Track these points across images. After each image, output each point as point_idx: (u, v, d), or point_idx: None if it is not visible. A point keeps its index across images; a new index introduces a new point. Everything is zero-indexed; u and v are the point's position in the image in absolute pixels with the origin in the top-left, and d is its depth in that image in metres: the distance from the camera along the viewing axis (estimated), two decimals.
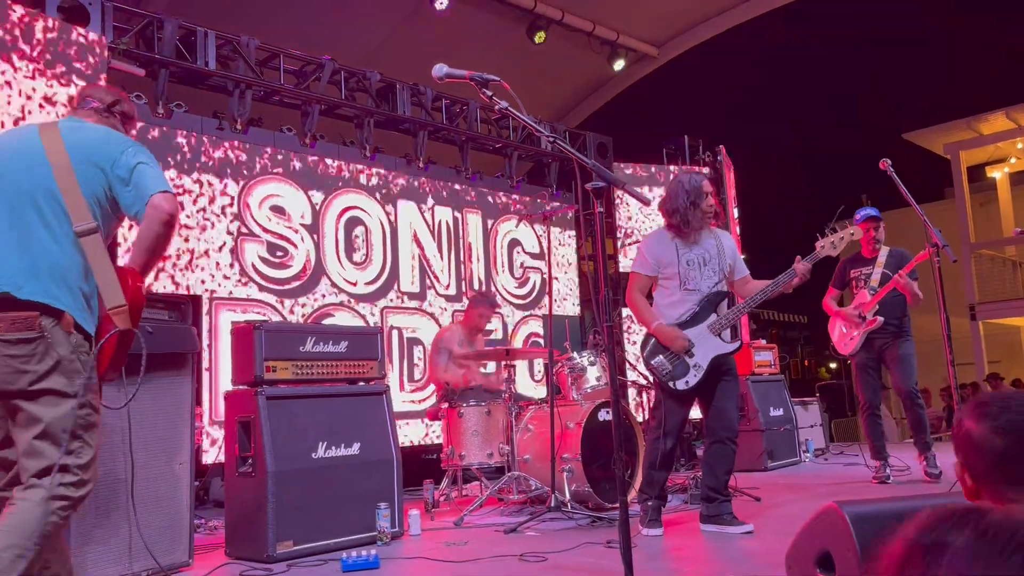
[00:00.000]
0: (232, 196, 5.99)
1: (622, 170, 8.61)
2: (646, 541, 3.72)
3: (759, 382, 6.89)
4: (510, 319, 7.78)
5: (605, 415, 4.74)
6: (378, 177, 6.95)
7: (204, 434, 5.42)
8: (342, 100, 6.79)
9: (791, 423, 6.95)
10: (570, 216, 8.41)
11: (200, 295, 5.67)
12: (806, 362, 28.48)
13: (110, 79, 5.20)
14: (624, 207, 8.53)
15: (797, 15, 12.48)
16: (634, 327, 8.16)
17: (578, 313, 8.42)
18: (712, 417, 3.92)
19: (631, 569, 2.28)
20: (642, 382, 6.36)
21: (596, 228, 2.50)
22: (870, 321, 5.26)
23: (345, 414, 3.97)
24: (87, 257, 2.24)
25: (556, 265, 8.23)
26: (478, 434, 4.99)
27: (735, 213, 9.21)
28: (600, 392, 4.94)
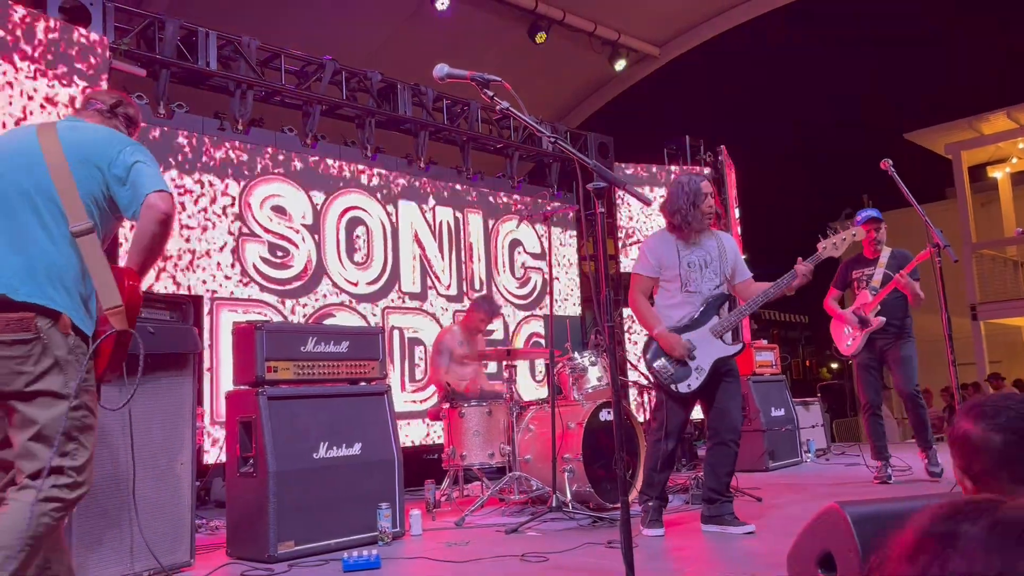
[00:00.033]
0: (233, 196, 5.99)
1: (623, 170, 8.61)
2: (647, 541, 3.72)
3: (760, 382, 6.89)
4: (511, 319, 7.78)
5: (606, 415, 4.74)
6: (379, 177, 6.95)
7: (205, 434, 5.43)
8: (343, 100, 6.79)
9: (792, 423, 6.94)
10: (571, 216, 8.41)
11: (201, 295, 5.68)
12: (807, 362, 28.48)
13: (111, 80, 5.21)
14: (625, 207, 8.53)
15: (798, 15, 12.49)
16: (635, 327, 8.16)
17: (579, 313, 8.43)
18: (714, 418, 3.91)
19: (632, 569, 2.28)
20: (643, 382, 6.36)
21: (597, 228, 2.51)
22: (873, 321, 5.26)
23: (346, 414, 3.97)
24: (83, 258, 2.23)
25: (557, 265, 8.23)
26: (479, 434, 4.99)
27: (736, 213, 9.22)
28: (601, 392, 4.94)
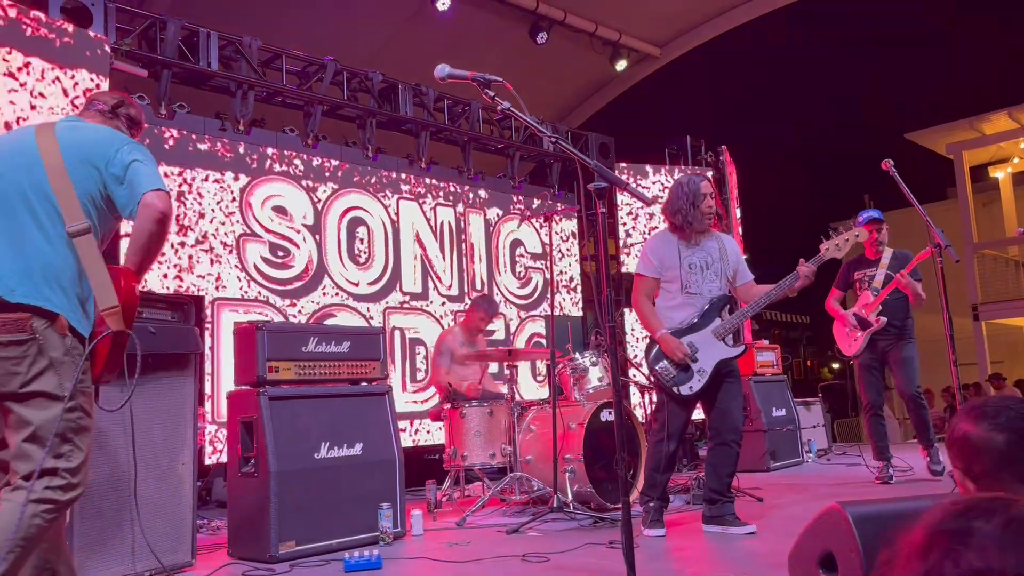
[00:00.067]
0: (234, 196, 5.99)
1: (624, 170, 8.61)
2: (648, 542, 3.72)
3: (762, 382, 6.89)
4: (512, 320, 7.78)
5: (607, 416, 4.74)
6: (380, 177, 6.95)
7: (206, 434, 5.43)
8: (344, 101, 6.79)
9: (794, 423, 6.94)
10: (572, 216, 8.40)
11: (202, 296, 5.68)
12: (808, 362, 28.49)
13: (113, 80, 5.21)
14: (626, 207, 8.53)
15: (799, 15, 12.49)
16: (636, 328, 8.16)
17: (580, 313, 8.42)
18: (716, 418, 3.91)
19: (633, 569, 2.28)
20: (643, 382, 6.35)
21: (598, 228, 2.50)
22: (874, 321, 5.26)
23: (347, 414, 3.97)
24: (80, 258, 2.22)
25: (561, 274, 8.22)
26: (480, 435, 4.99)
27: (737, 213, 9.21)
28: (602, 392, 4.94)
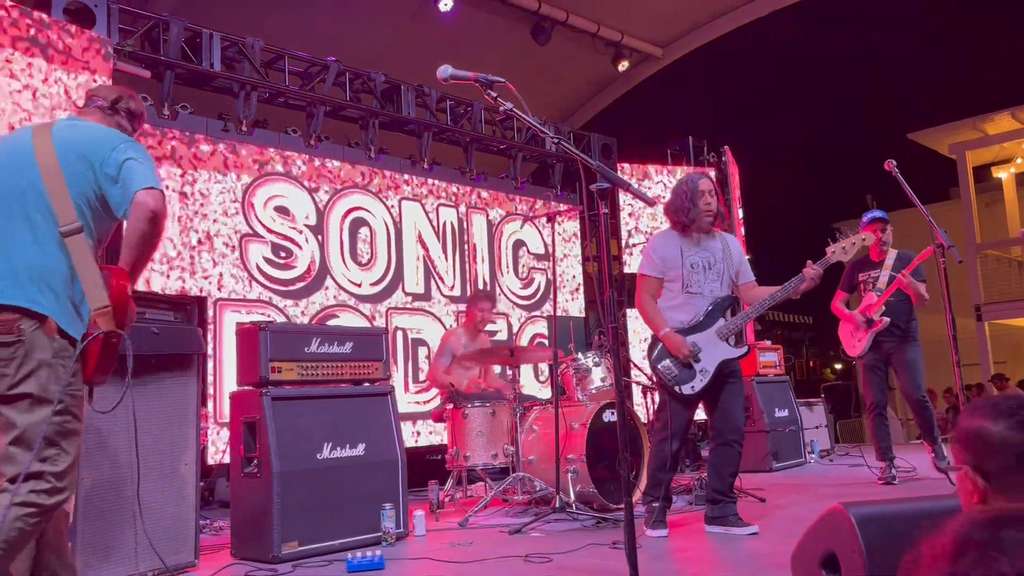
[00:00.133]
0: (237, 197, 6.00)
1: (626, 171, 8.61)
2: (651, 542, 3.72)
3: (764, 383, 6.88)
4: (515, 320, 7.78)
5: (610, 416, 4.74)
6: (383, 178, 6.96)
7: (209, 434, 5.43)
8: (347, 101, 6.79)
9: (796, 424, 6.93)
10: (575, 217, 8.40)
11: (205, 296, 5.69)
12: (811, 363, 28.47)
13: (115, 81, 5.21)
14: (628, 207, 8.53)
15: (801, 15, 12.48)
16: (639, 328, 8.15)
17: (583, 314, 8.42)
18: (718, 419, 3.91)
19: (636, 570, 2.28)
20: (645, 382, 6.35)
21: (601, 229, 2.51)
22: (877, 322, 5.25)
23: (350, 415, 3.97)
24: (72, 258, 2.19)
25: (562, 275, 8.23)
26: (483, 435, 4.99)
27: (740, 213, 9.21)
28: (605, 393, 4.93)
